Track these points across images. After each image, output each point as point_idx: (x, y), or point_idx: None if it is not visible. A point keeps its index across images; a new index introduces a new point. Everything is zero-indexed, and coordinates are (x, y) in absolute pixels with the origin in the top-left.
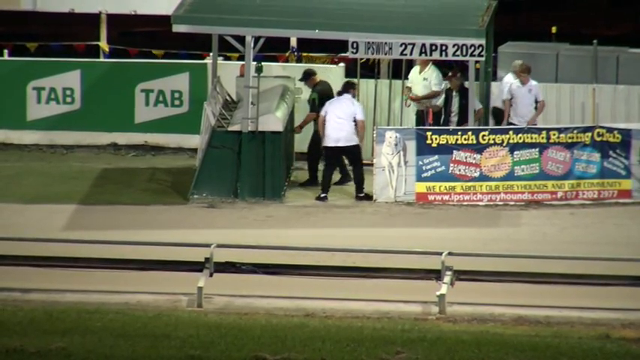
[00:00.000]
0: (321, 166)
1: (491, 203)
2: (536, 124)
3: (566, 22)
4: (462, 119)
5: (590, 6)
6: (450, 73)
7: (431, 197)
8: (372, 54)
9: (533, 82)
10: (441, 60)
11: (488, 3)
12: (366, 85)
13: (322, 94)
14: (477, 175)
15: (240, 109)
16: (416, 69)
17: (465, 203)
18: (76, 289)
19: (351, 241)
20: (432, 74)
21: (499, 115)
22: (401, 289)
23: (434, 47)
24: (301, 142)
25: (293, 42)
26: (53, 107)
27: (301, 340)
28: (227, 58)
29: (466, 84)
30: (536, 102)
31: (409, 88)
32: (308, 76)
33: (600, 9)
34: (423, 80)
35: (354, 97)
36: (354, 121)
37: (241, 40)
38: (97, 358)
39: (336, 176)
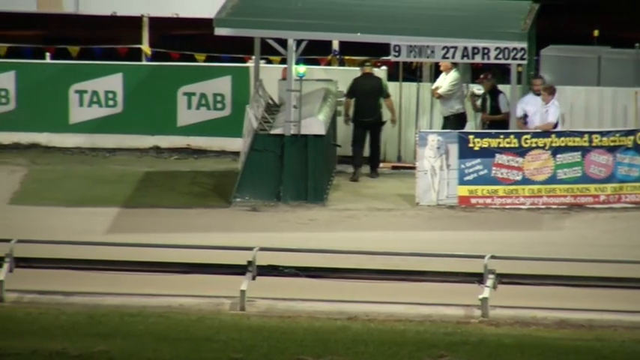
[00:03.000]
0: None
1: (534, 207)
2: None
3: (608, 25)
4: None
5: (631, 9)
6: (482, 75)
7: (473, 200)
8: (414, 57)
9: (555, 103)
10: (482, 63)
11: (531, 6)
12: (408, 88)
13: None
14: (519, 178)
15: (282, 113)
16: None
17: (508, 206)
18: (118, 292)
19: (393, 244)
20: (447, 78)
21: None
22: (443, 292)
23: (476, 50)
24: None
25: (335, 45)
26: (95, 110)
27: (344, 344)
28: (269, 62)
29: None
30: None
31: (436, 88)
32: (362, 65)
33: None
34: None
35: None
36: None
37: (283, 43)
38: None
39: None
